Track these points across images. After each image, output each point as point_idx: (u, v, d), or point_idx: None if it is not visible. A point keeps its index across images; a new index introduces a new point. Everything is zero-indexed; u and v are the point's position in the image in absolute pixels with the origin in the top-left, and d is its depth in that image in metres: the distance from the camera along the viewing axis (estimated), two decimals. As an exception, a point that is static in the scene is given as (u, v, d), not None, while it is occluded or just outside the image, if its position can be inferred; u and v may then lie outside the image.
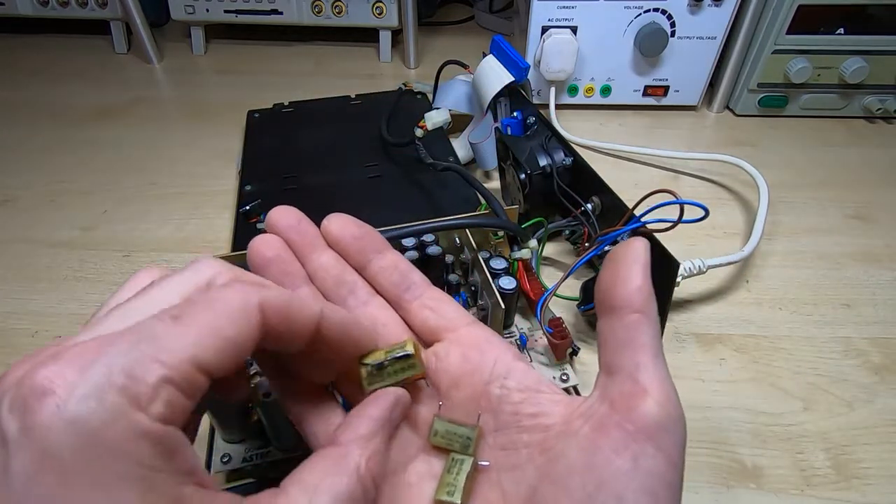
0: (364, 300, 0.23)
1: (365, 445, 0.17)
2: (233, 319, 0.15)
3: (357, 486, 0.16)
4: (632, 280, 0.18)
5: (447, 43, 0.79)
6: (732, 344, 0.36)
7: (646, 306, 0.18)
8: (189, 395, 0.14)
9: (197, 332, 0.14)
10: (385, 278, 0.23)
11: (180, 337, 0.14)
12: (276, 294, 0.16)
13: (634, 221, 0.31)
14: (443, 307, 0.23)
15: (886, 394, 0.33)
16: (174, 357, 0.13)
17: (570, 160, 0.38)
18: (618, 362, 0.18)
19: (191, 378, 0.14)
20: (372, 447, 0.18)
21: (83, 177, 0.52)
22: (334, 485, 0.16)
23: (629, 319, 0.18)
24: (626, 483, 0.16)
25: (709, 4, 0.54)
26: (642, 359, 0.17)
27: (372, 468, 0.17)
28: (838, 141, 0.57)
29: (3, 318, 0.38)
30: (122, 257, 0.43)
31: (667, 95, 0.60)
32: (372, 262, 0.23)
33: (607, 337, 0.19)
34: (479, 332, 0.22)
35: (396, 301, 0.23)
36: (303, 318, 0.17)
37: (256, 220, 0.41)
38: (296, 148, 0.51)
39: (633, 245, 0.19)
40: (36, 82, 0.69)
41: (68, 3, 0.71)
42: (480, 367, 0.21)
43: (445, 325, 0.22)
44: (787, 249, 0.44)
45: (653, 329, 0.18)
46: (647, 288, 0.18)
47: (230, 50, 0.77)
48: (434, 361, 0.21)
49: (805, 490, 0.29)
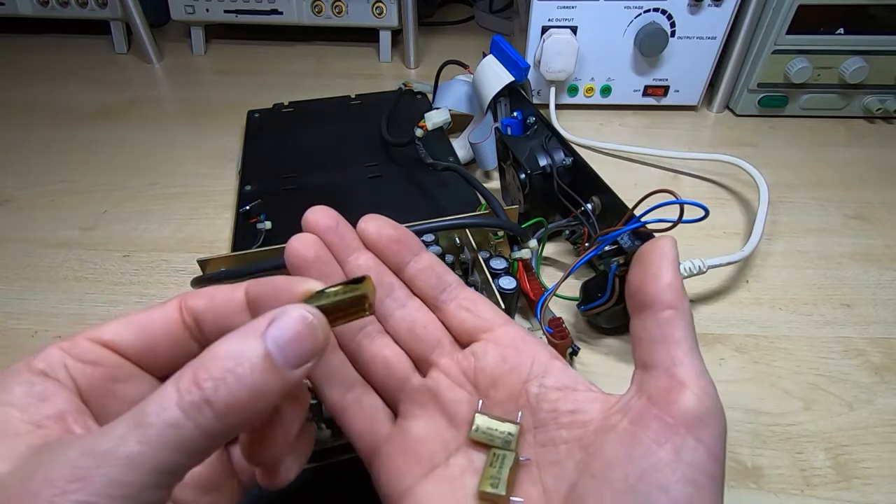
0: (402, 302, 0.23)
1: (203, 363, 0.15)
2: (146, 308, 0.19)
3: (172, 410, 0.14)
4: (662, 277, 0.19)
5: (447, 43, 0.79)
6: (732, 344, 0.36)
7: (678, 302, 0.18)
8: (80, 358, 0.17)
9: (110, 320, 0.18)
10: (422, 280, 0.23)
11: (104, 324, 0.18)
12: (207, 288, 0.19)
13: (634, 221, 0.31)
14: (478, 307, 0.23)
15: (886, 394, 0.33)
16: (78, 334, 0.18)
17: (570, 160, 0.38)
18: (654, 358, 0.18)
19: (81, 345, 0.17)
20: (219, 361, 0.14)
21: (83, 177, 0.52)
22: (142, 404, 0.14)
23: (662, 316, 0.18)
24: (669, 474, 0.16)
25: (709, 4, 0.54)
26: (678, 354, 0.18)
27: (204, 384, 0.14)
28: (838, 141, 0.57)
29: (3, 318, 0.38)
30: (122, 257, 0.43)
31: (667, 95, 0.60)
32: (409, 265, 0.23)
33: (641, 334, 0.19)
34: (516, 332, 0.22)
35: (433, 302, 0.23)
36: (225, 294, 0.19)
37: (256, 220, 0.41)
38: (296, 148, 0.51)
39: (660, 243, 0.19)
40: (36, 82, 0.69)
41: (68, 3, 0.71)
42: (518, 367, 0.21)
43: (482, 325, 0.22)
44: (787, 249, 0.44)
45: (687, 324, 0.18)
46: (677, 284, 0.19)
47: (230, 50, 0.77)
48: (472, 361, 0.22)
49: (805, 490, 0.29)
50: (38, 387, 0.16)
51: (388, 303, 0.23)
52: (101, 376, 0.17)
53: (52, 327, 0.38)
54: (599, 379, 0.34)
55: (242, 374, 0.14)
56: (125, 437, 0.13)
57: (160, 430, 0.13)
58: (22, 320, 0.38)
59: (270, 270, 0.31)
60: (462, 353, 0.22)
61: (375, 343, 0.22)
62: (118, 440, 0.13)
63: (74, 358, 0.17)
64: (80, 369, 0.17)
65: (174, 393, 0.14)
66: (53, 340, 0.18)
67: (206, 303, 0.19)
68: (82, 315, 0.39)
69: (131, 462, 0.13)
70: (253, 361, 0.14)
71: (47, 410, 0.16)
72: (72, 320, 0.38)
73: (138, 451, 0.13)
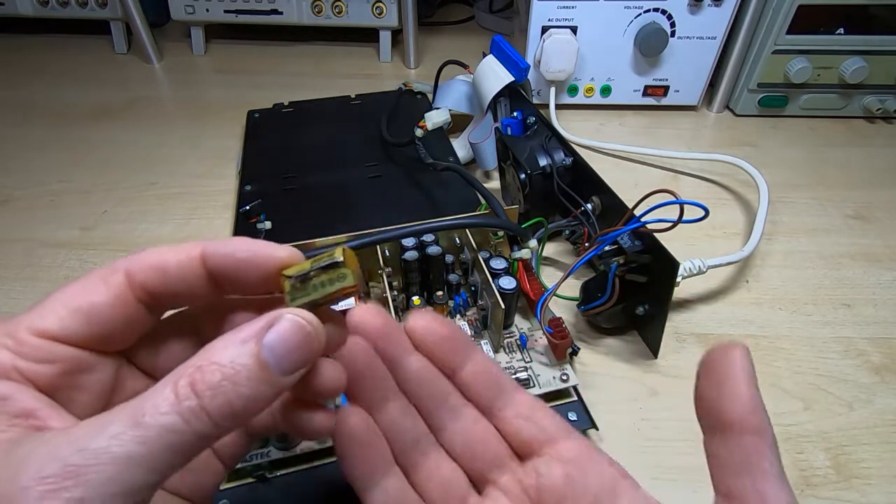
0: (457, 412, 0.21)
1: (200, 367, 0.15)
2: (84, 289, 0.17)
3: (171, 415, 0.14)
4: (741, 396, 0.17)
5: (447, 43, 0.79)
6: (732, 344, 0.36)
7: (762, 426, 0.17)
8: (31, 357, 0.16)
9: (43, 306, 0.17)
10: (477, 384, 0.21)
11: (30, 312, 0.17)
12: (146, 254, 0.18)
13: (634, 221, 0.31)
14: (538, 415, 0.21)
15: (886, 394, 0.33)
16: (13, 327, 0.16)
17: (570, 160, 0.38)
18: (738, 488, 0.17)
19: (27, 342, 0.16)
20: (215, 368, 0.15)
21: (83, 177, 0.52)
22: (136, 403, 0.14)
23: (746, 442, 0.17)
24: None
25: (709, 4, 0.54)
26: (766, 488, 0.17)
27: (202, 391, 0.14)
28: (838, 141, 0.57)
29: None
30: (122, 257, 0.43)
31: (667, 95, 0.60)
32: (464, 367, 0.21)
33: (721, 458, 0.18)
34: (581, 447, 0.21)
35: (488, 409, 0.22)
36: (178, 263, 0.18)
37: (256, 220, 0.41)
38: (296, 148, 0.51)
39: (732, 353, 0.17)
40: (36, 82, 0.69)
41: (68, 3, 0.71)
42: (585, 488, 0.20)
43: (543, 437, 0.21)
44: (787, 249, 0.44)
45: (773, 452, 0.17)
46: (760, 404, 0.17)
47: (230, 50, 0.77)
48: (535, 478, 0.20)
49: (805, 490, 0.29)
50: None
51: (443, 413, 0.21)
52: (58, 371, 0.16)
53: (52, 327, 0.38)
54: (599, 379, 0.34)
55: (238, 383, 0.14)
56: (121, 436, 0.13)
57: (158, 432, 0.14)
58: (22, 320, 0.38)
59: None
60: (523, 470, 0.21)
61: (430, 459, 0.21)
62: (114, 439, 0.13)
63: (24, 358, 0.16)
64: (34, 369, 0.16)
65: (171, 395, 0.14)
66: None
67: (157, 276, 0.18)
68: (82, 315, 0.38)
69: (129, 461, 0.13)
70: (250, 370, 0.15)
71: (11, 409, 0.15)
72: (72, 320, 0.38)
73: (136, 452, 0.13)
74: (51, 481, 0.13)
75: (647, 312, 0.33)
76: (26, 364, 0.16)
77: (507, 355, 0.32)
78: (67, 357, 0.17)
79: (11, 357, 0.16)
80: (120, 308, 0.17)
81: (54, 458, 0.13)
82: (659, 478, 0.29)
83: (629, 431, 0.31)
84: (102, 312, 0.17)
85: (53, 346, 0.16)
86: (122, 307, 0.17)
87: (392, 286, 0.32)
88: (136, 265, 0.18)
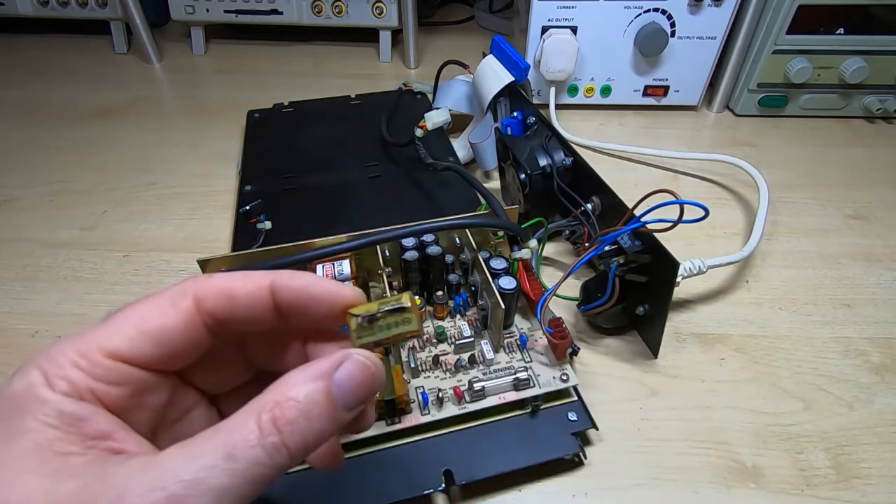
0: None
1: (279, 402, 0.16)
2: (156, 311, 0.17)
3: (257, 449, 0.15)
4: None
5: (447, 43, 0.79)
6: (732, 344, 0.36)
7: None
8: (103, 379, 0.16)
9: (114, 325, 0.17)
10: None
11: (99, 329, 0.17)
12: (216, 279, 0.18)
13: (634, 221, 0.31)
14: None
15: (886, 394, 0.33)
16: (85, 346, 0.16)
17: (570, 160, 0.38)
18: None
19: (101, 363, 0.16)
20: (293, 404, 0.16)
21: (83, 177, 0.52)
22: (224, 436, 0.15)
23: None
24: None
25: (709, 4, 0.54)
26: None
27: (283, 427, 0.15)
28: (838, 141, 0.57)
29: (3, 318, 0.38)
30: (122, 257, 0.43)
31: (667, 95, 0.60)
32: None
33: None
34: None
35: None
36: (248, 293, 0.18)
37: (256, 220, 0.41)
38: (296, 148, 0.51)
39: None
40: (36, 82, 0.69)
41: (68, 3, 0.71)
42: None
43: None
44: (787, 249, 0.44)
45: None
46: None
47: (230, 50, 0.77)
48: None
49: (805, 490, 0.29)
50: (71, 407, 0.16)
51: None
52: (128, 393, 0.17)
53: (52, 327, 0.38)
54: (599, 379, 0.34)
55: (311, 419, 0.16)
56: (215, 468, 0.14)
57: (246, 465, 0.15)
58: (22, 320, 0.38)
59: (270, 270, 0.31)
60: None
61: None
62: (209, 470, 0.14)
63: (97, 380, 0.16)
64: (105, 390, 0.16)
65: (256, 430, 0.15)
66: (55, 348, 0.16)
67: (226, 304, 0.18)
68: (82, 315, 0.38)
69: (221, 492, 0.14)
70: (321, 406, 0.16)
71: (88, 430, 0.16)
72: (72, 320, 0.38)
73: (227, 484, 0.14)
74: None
75: (647, 312, 0.33)
76: (99, 385, 0.16)
77: (507, 355, 0.32)
78: (136, 379, 0.17)
79: (85, 378, 0.16)
80: (188, 332, 0.18)
81: (156, 486, 0.14)
82: (659, 478, 0.29)
83: (629, 431, 0.31)
84: (171, 336, 0.17)
85: (124, 368, 0.17)
86: (189, 331, 0.18)
87: (392, 286, 0.32)
88: (205, 291, 0.18)
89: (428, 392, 0.30)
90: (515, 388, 0.30)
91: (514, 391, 0.30)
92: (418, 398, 0.29)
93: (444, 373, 0.31)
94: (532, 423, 0.30)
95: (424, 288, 0.35)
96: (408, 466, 0.28)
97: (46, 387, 0.16)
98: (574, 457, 0.30)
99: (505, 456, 0.28)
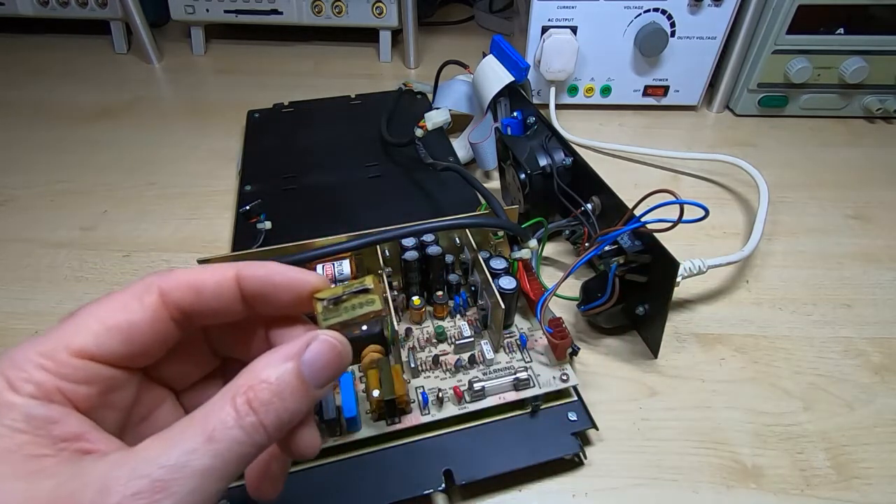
0: None
1: (252, 385, 0.16)
2: (120, 307, 0.17)
3: (236, 430, 0.15)
4: None
5: (447, 43, 0.79)
6: (732, 344, 0.36)
7: None
8: (71, 378, 0.16)
9: (77, 323, 0.17)
10: None
11: (61, 329, 0.17)
12: (181, 273, 0.18)
13: (634, 221, 0.31)
14: None
15: (886, 394, 0.33)
16: (49, 346, 0.16)
17: (570, 160, 0.38)
18: None
19: (67, 362, 0.16)
20: (265, 386, 0.16)
21: (83, 177, 0.52)
22: (202, 421, 0.15)
23: None
24: None
25: (709, 4, 0.54)
26: None
27: (258, 408, 0.16)
28: (838, 141, 0.57)
29: (3, 318, 0.38)
30: (122, 257, 0.43)
31: (667, 95, 0.60)
32: None
33: None
34: None
35: None
36: (214, 284, 0.18)
37: (256, 220, 0.41)
38: (296, 148, 0.51)
39: None
40: (36, 82, 0.69)
41: (68, 3, 0.71)
42: None
43: None
44: (787, 249, 0.44)
45: None
46: None
47: (230, 50, 0.77)
48: None
49: (805, 490, 0.29)
50: (39, 410, 0.15)
51: None
52: (97, 393, 0.17)
53: (52, 327, 0.38)
54: (599, 379, 0.34)
55: (284, 398, 0.16)
56: (197, 451, 0.15)
57: (227, 445, 0.15)
58: (22, 320, 0.38)
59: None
60: None
61: None
62: (191, 454, 0.15)
63: (64, 379, 0.16)
64: (74, 390, 0.16)
65: (233, 412, 0.16)
66: (14, 352, 0.16)
67: (193, 297, 0.18)
68: (82, 315, 0.38)
69: (206, 473, 0.15)
70: (293, 385, 0.17)
71: (59, 432, 0.15)
72: (72, 320, 0.38)
73: (211, 465, 0.15)
74: (143, 496, 0.14)
75: (647, 312, 0.33)
76: (67, 385, 0.16)
77: (507, 355, 0.32)
78: (104, 377, 0.17)
79: (52, 379, 0.16)
80: (155, 326, 0.18)
81: (139, 475, 0.14)
82: (659, 478, 0.29)
83: (629, 431, 0.31)
84: (139, 331, 0.17)
85: (92, 366, 0.17)
86: (157, 326, 0.18)
87: (392, 286, 0.32)
88: (171, 284, 0.18)
89: (428, 392, 0.30)
90: (515, 388, 0.30)
91: (514, 391, 0.30)
92: (418, 398, 0.30)
93: (444, 373, 0.31)
94: (532, 423, 0.30)
95: (424, 288, 0.35)
96: (408, 466, 0.28)
97: (11, 391, 0.15)
98: (574, 457, 0.30)
99: (505, 456, 0.28)
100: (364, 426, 0.28)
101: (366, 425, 0.28)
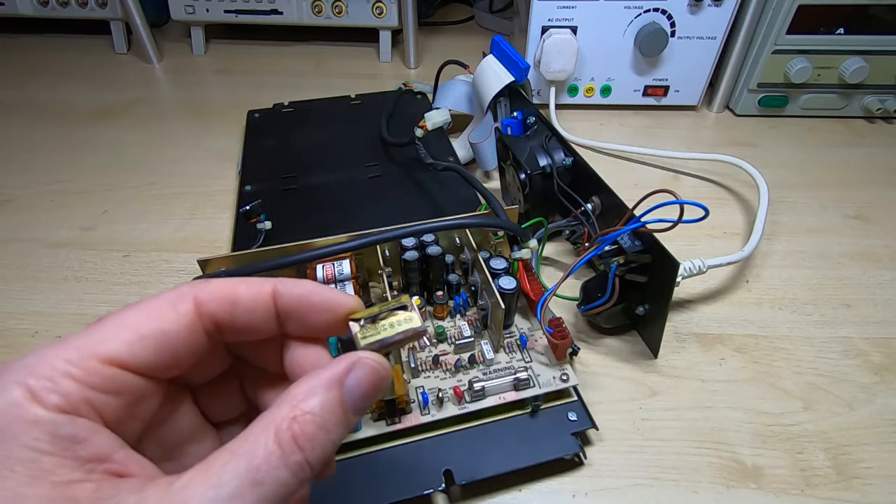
0: None
1: (296, 417, 0.15)
2: (154, 315, 0.16)
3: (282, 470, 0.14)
4: None
5: (447, 43, 0.79)
6: (732, 344, 0.36)
7: None
8: (101, 388, 0.15)
9: (107, 330, 0.16)
10: None
11: (88, 335, 0.15)
12: (216, 284, 0.18)
13: (634, 221, 0.31)
14: None
15: (886, 394, 0.33)
16: (77, 354, 0.15)
17: (570, 160, 0.38)
18: None
19: (97, 371, 0.15)
20: (310, 418, 0.15)
21: (83, 177, 0.52)
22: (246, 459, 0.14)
23: None
24: None
25: (709, 4, 0.54)
26: None
27: (304, 445, 0.15)
28: (838, 141, 0.57)
29: (3, 318, 0.38)
30: (122, 257, 0.43)
31: (667, 95, 0.60)
32: None
33: None
34: None
35: None
36: (250, 298, 0.18)
37: (256, 220, 0.41)
38: (296, 148, 0.51)
39: None
40: (36, 82, 0.69)
41: (68, 3, 0.71)
42: None
43: None
44: (787, 249, 0.44)
45: None
46: None
47: (230, 50, 0.77)
48: None
49: (805, 490, 0.29)
50: (66, 428, 0.14)
51: None
52: (125, 404, 0.16)
53: (53, 327, 0.38)
54: (599, 379, 0.34)
55: (329, 430, 0.16)
56: (244, 496, 0.14)
57: (273, 488, 0.14)
58: (22, 320, 0.38)
59: (270, 271, 0.31)
60: None
61: None
62: (237, 499, 0.14)
63: (94, 389, 0.15)
64: (104, 401, 0.15)
65: (278, 449, 0.15)
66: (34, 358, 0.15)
67: (228, 309, 0.18)
68: (82, 315, 0.38)
69: None
70: (338, 416, 0.16)
71: (86, 453, 0.14)
72: (72, 320, 0.38)
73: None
74: None
75: (647, 312, 0.33)
76: (97, 395, 0.15)
77: (507, 355, 0.32)
78: (134, 387, 0.16)
79: (81, 389, 0.15)
80: (189, 337, 0.17)
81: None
82: (659, 478, 0.29)
83: (629, 431, 0.31)
84: (172, 341, 0.17)
85: (123, 375, 0.16)
86: (190, 336, 0.17)
87: (392, 286, 0.32)
88: (206, 294, 0.17)
89: (428, 392, 0.30)
90: (515, 388, 0.30)
91: (514, 391, 0.30)
92: (418, 398, 0.30)
93: (444, 373, 0.31)
94: (532, 423, 0.30)
95: (424, 288, 0.35)
96: (408, 466, 0.28)
97: (34, 403, 0.14)
98: (574, 457, 0.30)
99: (505, 456, 0.28)
100: (364, 426, 0.28)
101: (366, 425, 0.28)
